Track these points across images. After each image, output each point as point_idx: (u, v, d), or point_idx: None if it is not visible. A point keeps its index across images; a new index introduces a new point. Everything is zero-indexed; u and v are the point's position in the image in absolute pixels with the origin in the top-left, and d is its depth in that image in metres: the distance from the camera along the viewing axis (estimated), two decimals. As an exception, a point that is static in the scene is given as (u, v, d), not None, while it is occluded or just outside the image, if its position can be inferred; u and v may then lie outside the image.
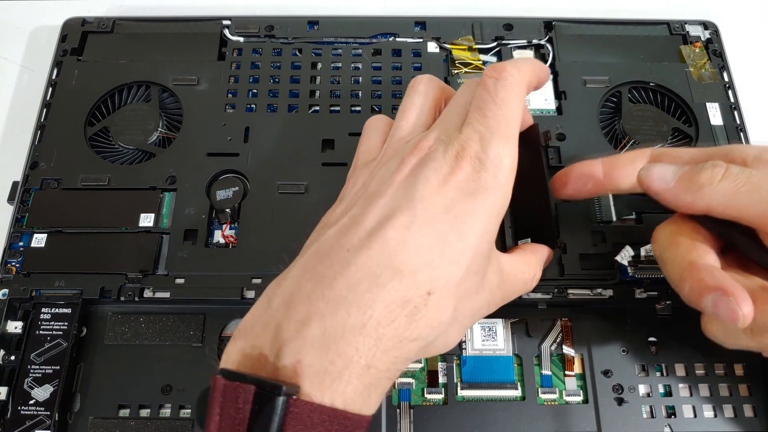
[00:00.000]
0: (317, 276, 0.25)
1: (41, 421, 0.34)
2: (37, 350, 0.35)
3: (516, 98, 0.29)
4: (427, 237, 0.26)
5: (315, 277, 0.25)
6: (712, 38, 0.47)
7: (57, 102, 0.44)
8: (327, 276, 0.25)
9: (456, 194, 0.27)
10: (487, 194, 0.27)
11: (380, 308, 0.24)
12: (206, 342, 0.37)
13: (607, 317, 0.37)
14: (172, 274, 0.38)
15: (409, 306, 0.25)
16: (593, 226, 0.39)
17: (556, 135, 0.42)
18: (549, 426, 0.35)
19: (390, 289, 0.25)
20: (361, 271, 0.25)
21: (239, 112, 0.43)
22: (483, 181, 0.27)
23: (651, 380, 0.36)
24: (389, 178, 0.28)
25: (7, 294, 0.37)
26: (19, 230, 0.39)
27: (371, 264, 0.25)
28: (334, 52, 0.46)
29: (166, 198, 0.40)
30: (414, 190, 0.27)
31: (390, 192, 0.27)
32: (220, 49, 0.46)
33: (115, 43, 0.47)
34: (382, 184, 0.28)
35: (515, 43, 0.47)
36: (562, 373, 0.36)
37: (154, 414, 0.35)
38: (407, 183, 0.27)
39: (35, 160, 0.41)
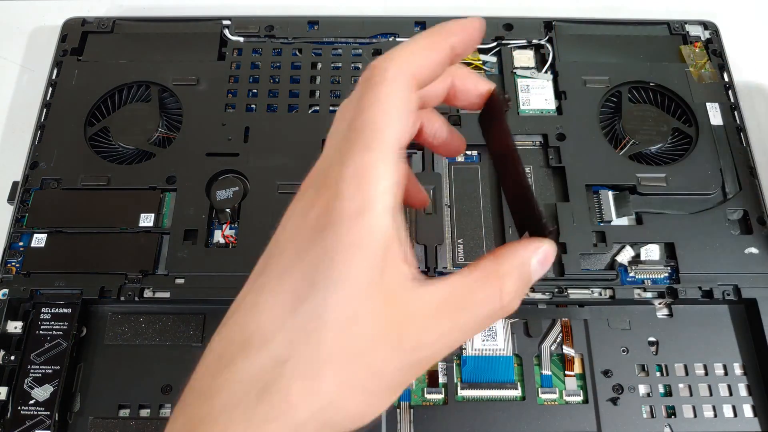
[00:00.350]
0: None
1: (41, 421, 0.34)
2: (37, 350, 0.35)
3: (388, 96, 0.22)
4: (280, 294, 0.21)
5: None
6: (712, 38, 0.47)
7: (57, 102, 0.44)
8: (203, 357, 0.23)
9: (307, 233, 0.21)
10: (340, 226, 0.20)
11: (227, 391, 0.20)
12: (206, 342, 0.37)
13: (607, 317, 0.37)
14: (172, 274, 0.38)
15: (259, 383, 0.20)
16: (593, 226, 0.39)
17: (556, 135, 0.42)
18: (549, 426, 0.35)
19: (236, 368, 0.21)
20: (212, 353, 0.22)
21: (239, 112, 0.43)
22: (337, 209, 0.21)
23: (651, 380, 0.36)
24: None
25: (7, 294, 0.37)
26: (19, 230, 0.39)
27: (223, 342, 0.22)
28: (334, 52, 0.46)
29: (166, 198, 0.40)
30: (275, 238, 0.23)
31: (274, 243, 0.23)
32: (220, 49, 0.46)
33: (115, 43, 0.47)
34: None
35: (515, 43, 0.47)
36: (562, 373, 0.36)
37: (154, 414, 0.35)
38: (279, 228, 0.23)
39: (35, 160, 0.41)
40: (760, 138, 0.44)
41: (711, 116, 0.43)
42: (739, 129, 0.43)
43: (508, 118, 0.27)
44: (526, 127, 0.43)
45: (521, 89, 0.45)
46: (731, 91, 0.44)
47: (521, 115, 0.44)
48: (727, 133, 0.42)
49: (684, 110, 0.44)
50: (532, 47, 0.47)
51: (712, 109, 0.43)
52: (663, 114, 0.44)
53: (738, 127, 0.43)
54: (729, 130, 0.43)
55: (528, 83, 0.45)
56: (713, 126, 0.43)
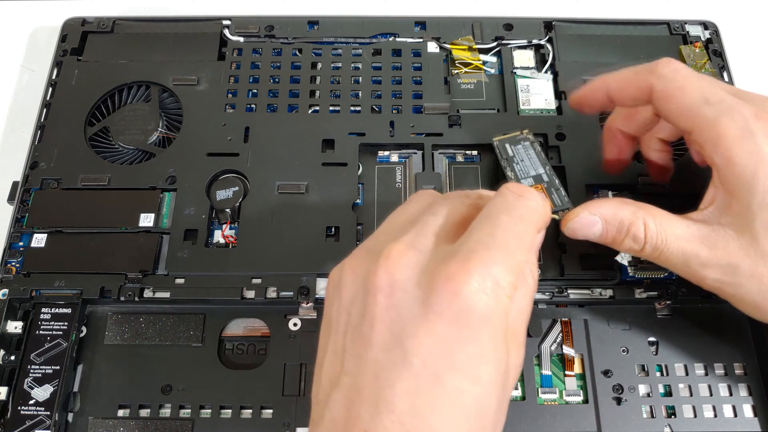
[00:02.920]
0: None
1: (41, 421, 0.34)
2: (37, 350, 0.35)
3: (536, 225, 0.27)
4: (441, 398, 0.23)
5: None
6: (712, 38, 0.47)
7: (57, 102, 0.44)
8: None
9: (453, 334, 0.24)
10: (490, 322, 0.24)
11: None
12: (206, 342, 0.37)
13: (607, 317, 0.37)
14: (172, 274, 0.38)
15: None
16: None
17: (556, 135, 0.42)
18: (549, 426, 0.35)
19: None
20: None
21: (239, 112, 0.43)
22: (482, 304, 0.24)
23: (651, 380, 0.36)
24: (366, 310, 0.25)
25: (7, 294, 0.37)
26: (19, 230, 0.39)
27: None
28: (334, 52, 0.46)
29: (166, 198, 0.40)
30: (401, 334, 0.24)
31: (375, 338, 0.24)
32: (220, 49, 0.46)
33: (115, 43, 0.47)
34: (362, 317, 0.25)
35: (515, 43, 0.47)
36: (562, 373, 0.36)
37: (154, 414, 0.35)
38: (390, 320, 0.24)
39: (35, 160, 0.41)
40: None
41: (711, 116, 0.43)
42: (739, 129, 0.43)
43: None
44: (526, 127, 0.43)
45: (521, 89, 0.45)
46: (731, 91, 0.44)
47: (521, 115, 0.44)
48: (727, 133, 0.42)
49: (684, 110, 0.44)
50: (532, 47, 0.47)
51: (712, 109, 0.43)
52: (663, 114, 0.44)
53: (738, 127, 0.43)
54: (729, 130, 0.43)
55: (528, 83, 0.45)
56: (713, 126, 0.43)
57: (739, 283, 0.30)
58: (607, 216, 0.31)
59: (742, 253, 0.29)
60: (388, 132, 0.43)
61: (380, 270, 0.25)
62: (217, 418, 0.35)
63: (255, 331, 0.37)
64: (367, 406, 0.23)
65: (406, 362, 0.24)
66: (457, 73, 0.46)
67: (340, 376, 0.25)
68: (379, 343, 0.24)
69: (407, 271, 0.25)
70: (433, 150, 0.42)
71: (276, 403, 0.35)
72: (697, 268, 0.30)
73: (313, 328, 0.37)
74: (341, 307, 0.27)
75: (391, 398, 0.23)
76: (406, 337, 0.24)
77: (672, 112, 0.31)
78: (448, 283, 0.24)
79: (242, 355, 0.37)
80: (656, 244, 0.30)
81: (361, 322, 0.25)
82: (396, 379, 0.23)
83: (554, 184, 0.35)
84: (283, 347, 0.36)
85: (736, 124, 0.28)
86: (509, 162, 0.37)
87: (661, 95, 0.31)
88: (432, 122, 0.43)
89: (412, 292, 0.24)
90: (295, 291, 0.37)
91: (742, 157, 0.28)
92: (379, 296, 0.25)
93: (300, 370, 0.36)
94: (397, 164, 0.42)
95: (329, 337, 0.27)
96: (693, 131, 0.30)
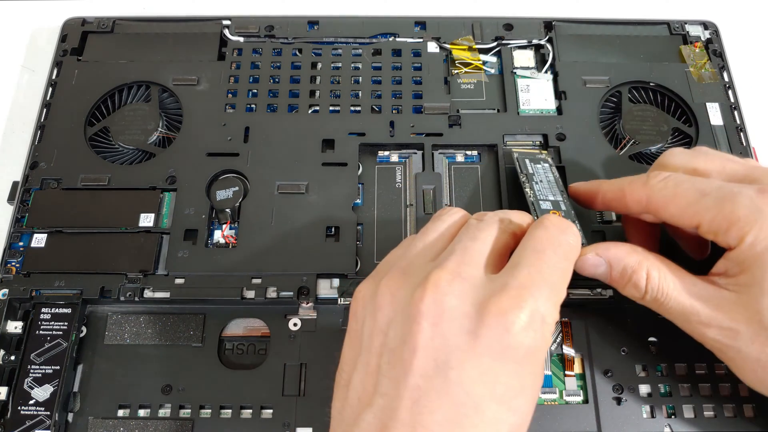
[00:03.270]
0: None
1: (41, 421, 0.34)
2: (37, 350, 0.35)
3: (573, 261, 0.29)
4: (478, 427, 0.24)
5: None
6: (712, 38, 0.47)
7: (57, 102, 0.44)
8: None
9: (498, 367, 0.25)
10: (534, 357, 0.25)
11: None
12: (206, 342, 0.37)
13: (607, 317, 0.37)
14: (172, 274, 0.38)
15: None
16: (593, 226, 0.39)
17: (556, 135, 0.42)
18: (549, 426, 0.35)
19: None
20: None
21: (239, 112, 0.43)
22: (529, 340, 0.25)
23: (651, 380, 0.36)
24: (408, 336, 0.25)
25: (7, 294, 0.37)
26: (19, 230, 0.39)
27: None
28: (334, 52, 0.46)
29: (166, 198, 0.40)
30: (446, 363, 0.24)
31: (417, 364, 0.25)
32: (220, 49, 0.46)
33: (115, 43, 0.47)
34: (402, 343, 0.25)
35: (515, 43, 0.47)
36: (562, 373, 0.36)
37: (154, 414, 0.35)
38: (434, 348, 0.25)
39: (35, 160, 0.41)
40: (761, 138, 0.44)
41: (711, 116, 0.43)
42: (739, 129, 0.43)
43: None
44: (526, 127, 0.43)
45: (521, 89, 0.45)
46: (731, 91, 0.44)
47: (521, 115, 0.44)
48: (727, 133, 0.42)
49: (684, 110, 0.44)
50: (532, 47, 0.47)
51: (712, 109, 0.43)
52: (663, 114, 0.44)
53: (738, 127, 0.43)
54: (729, 130, 0.43)
55: (528, 83, 0.45)
56: (713, 126, 0.43)
57: (739, 348, 0.29)
58: (612, 260, 0.31)
59: (745, 321, 0.29)
60: (388, 132, 0.43)
61: (427, 297, 0.25)
62: (217, 418, 0.35)
63: (255, 331, 0.37)
64: (403, 429, 0.24)
65: (448, 391, 0.24)
66: (457, 73, 0.46)
67: (374, 396, 0.25)
68: (420, 369, 0.24)
69: (455, 301, 0.25)
70: (433, 150, 0.42)
71: (276, 403, 0.35)
72: (696, 326, 0.30)
73: (313, 328, 0.37)
74: (375, 328, 0.27)
75: (429, 424, 0.24)
76: (451, 367, 0.24)
77: (674, 216, 0.31)
78: (499, 317, 0.25)
79: (242, 355, 0.37)
80: (656, 296, 0.31)
81: (401, 347, 0.25)
82: (437, 406, 0.24)
83: (571, 216, 0.35)
84: (283, 347, 0.36)
85: (742, 205, 0.28)
86: (529, 179, 0.37)
87: (659, 205, 0.31)
88: (432, 122, 0.43)
89: (460, 322, 0.25)
90: (295, 291, 0.37)
91: (755, 235, 0.28)
92: (424, 323, 0.25)
93: (300, 370, 0.36)
94: (397, 164, 0.42)
95: (359, 356, 0.27)
96: (701, 225, 0.30)
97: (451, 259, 0.27)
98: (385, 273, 0.28)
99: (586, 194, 0.36)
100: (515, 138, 0.42)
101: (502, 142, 0.42)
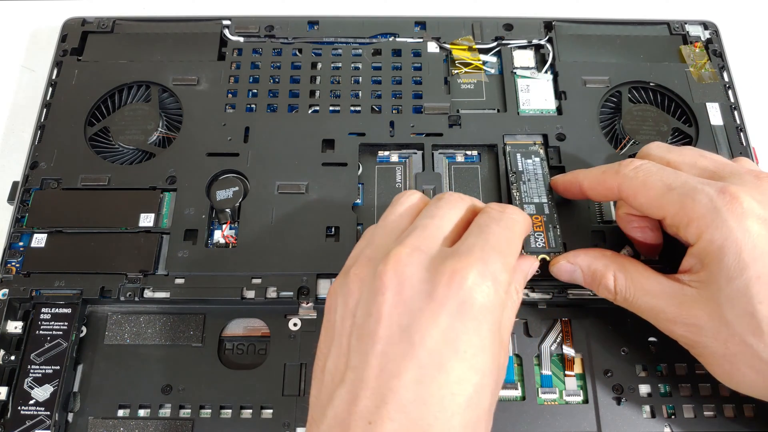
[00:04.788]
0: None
1: (41, 421, 0.34)
2: (37, 350, 0.35)
3: (520, 234, 0.30)
4: (444, 387, 0.25)
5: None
6: (712, 38, 0.47)
7: (57, 102, 0.44)
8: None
9: (458, 324, 0.26)
10: (491, 314, 0.26)
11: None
12: (206, 342, 0.37)
13: (607, 317, 0.37)
14: (172, 274, 0.38)
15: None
16: (593, 226, 0.39)
17: (556, 135, 0.42)
18: (549, 426, 0.35)
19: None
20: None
21: (239, 112, 0.43)
22: (483, 296, 0.26)
23: (651, 380, 0.36)
24: (373, 308, 0.26)
25: (7, 294, 0.37)
26: (19, 230, 0.39)
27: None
28: (334, 52, 0.46)
29: (166, 198, 0.40)
30: (409, 327, 0.26)
31: (382, 333, 0.26)
32: (220, 49, 0.46)
33: (115, 43, 0.47)
34: (368, 315, 0.27)
35: (515, 43, 0.47)
36: (562, 373, 0.36)
37: (154, 414, 0.35)
38: (398, 314, 0.26)
39: (35, 160, 0.41)
40: (761, 138, 0.44)
41: (711, 116, 0.43)
42: (739, 129, 0.43)
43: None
44: (526, 127, 0.43)
45: (521, 89, 0.45)
46: (731, 91, 0.44)
47: (521, 115, 0.44)
48: (727, 133, 0.42)
49: (684, 110, 0.44)
50: (532, 47, 0.47)
51: (712, 109, 0.43)
52: (663, 114, 0.44)
53: (738, 127, 0.43)
54: (729, 130, 0.43)
55: (528, 83, 0.45)
56: (713, 126, 0.43)
57: (705, 344, 0.30)
58: (582, 266, 0.34)
59: (707, 316, 0.30)
60: (388, 132, 0.43)
61: (389, 270, 0.27)
62: (217, 418, 0.35)
63: (255, 331, 0.37)
64: (372, 397, 0.25)
65: (413, 353, 0.25)
66: (457, 73, 0.46)
67: (345, 372, 0.26)
68: (385, 337, 0.26)
69: (414, 270, 0.27)
70: (433, 150, 0.42)
71: (276, 403, 0.35)
72: (665, 323, 0.32)
73: (313, 328, 0.37)
74: (346, 312, 0.28)
75: (397, 388, 0.24)
76: (415, 330, 0.25)
77: (642, 205, 0.32)
78: (451, 276, 0.26)
79: (242, 355, 0.37)
80: (626, 297, 0.33)
81: (367, 320, 0.26)
82: (403, 369, 0.25)
83: (553, 221, 0.37)
84: (283, 347, 0.36)
85: (701, 203, 0.30)
86: (518, 178, 0.39)
87: (629, 193, 0.32)
88: (432, 122, 0.43)
89: (420, 287, 0.26)
90: (295, 291, 0.37)
91: (710, 234, 0.29)
92: (387, 294, 0.26)
93: (300, 370, 0.36)
94: (397, 164, 0.42)
95: (332, 342, 0.28)
96: (665, 217, 0.32)
97: (411, 235, 0.28)
98: (353, 263, 0.29)
99: (565, 186, 0.37)
100: (515, 138, 0.42)
101: (502, 142, 0.42)
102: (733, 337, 0.29)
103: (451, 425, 0.25)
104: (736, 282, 0.28)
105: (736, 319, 0.29)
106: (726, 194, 0.29)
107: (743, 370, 0.30)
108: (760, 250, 0.28)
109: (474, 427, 0.26)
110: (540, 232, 0.37)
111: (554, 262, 0.35)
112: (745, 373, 0.30)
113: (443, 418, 0.25)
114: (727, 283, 0.29)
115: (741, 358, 0.29)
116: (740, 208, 0.29)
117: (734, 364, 0.30)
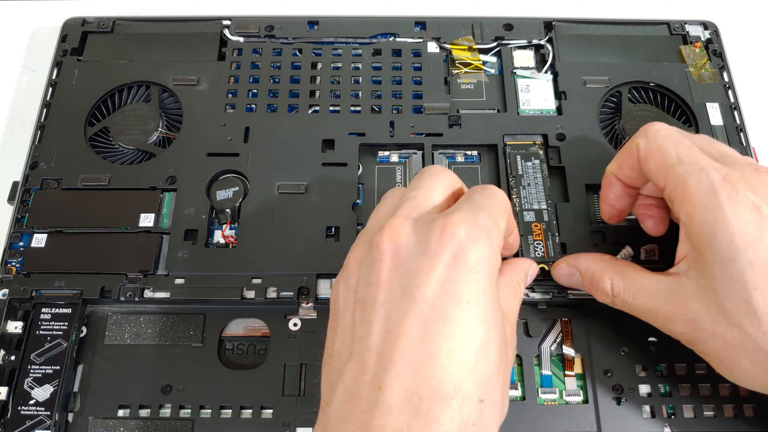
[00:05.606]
0: (361, 425, 0.24)
1: (41, 421, 0.34)
2: (37, 350, 0.35)
3: (504, 203, 0.30)
4: (451, 339, 0.25)
5: (359, 427, 0.24)
6: (712, 38, 0.47)
7: (57, 102, 0.44)
8: (372, 425, 0.24)
9: (455, 274, 0.26)
10: (488, 265, 0.27)
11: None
12: (206, 342, 0.37)
13: (607, 317, 0.37)
14: (172, 274, 0.38)
15: (470, 426, 0.24)
16: (593, 226, 0.39)
17: (556, 135, 0.42)
18: (549, 426, 0.35)
19: (446, 419, 0.24)
20: (405, 411, 0.24)
21: (239, 112, 0.43)
22: (477, 246, 0.26)
23: (651, 380, 0.36)
24: (373, 276, 0.27)
25: (7, 294, 0.37)
26: (19, 230, 0.39)
27: (413, 398, 0.24)
28: (334, 52, 0.46)
29: (166, 198, 0.40)
30: (409, 285, 0.26)
31: (383, 297, 0.26)
32: (220, 49, 0.46)
33: (115, 43, 0.47)
34: (368, 285, 0.27)
35: (515, 43, 0.47)
36: (562, 373, 0.36)
37: (154, 414, 0.35)
38: (398, 276, 0.26)
39: (35, 160, 0.41)
40: (761, 138, 0.44)
41: (711, 116, 0.43)
42: (739, 129, 0.43)
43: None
44: (526, 127, 0.43)
45: (521, 89, 0.45)
46: (731, 91, 0.44)
47: (521, 115, 0.44)
48: (727, 133, 0.42)
49: (684, 110, 0.44)
50: (532, 47, 0.47)
51: (712, 109, 0.43)
52: (663, 114, 0.44)
53: (738, 127, 0.43)
54: (729, 130, 0.43)
55: (528, 83, 0.45)
56: (713, 126, 0.43)
57: (704, 339, 0.30)
58: (581, 270, 0.35)
59: (704, 310, 0.30)
60: (388, 132, 0.43)
61: (384, 239, 0.27)
62: (217, 418, 0.35)
63: (255, 331, 0.37)
64: (380, 361, 0.25)
65: (415, 309, 0.25)
66: (457, 73, 0.46)
67: (352, 346, 0.26)
68: (387, 300, 0.26)
69: (408, 234, 0.27)
70: (433, 150, 0.42)
71: (276, 403, 0.35)
72: (664, 322, 0.32)
73: (313, 328, 0.37)
74: (348, 294, 0.28)
75: (404, 347, 0.24)
76: (415, 287, 0.25)
77: (651, 170, 0.32)
78: (443, 230, 0.26)
79: (242, 355, 0.37)
80: (624, 299, 0.33)
81: (368, 290, 0.26)
82: (407, 326, 0.25)
83: (552, 228, 0.38)
84: (283, 347, 0.36)
85: (702, 185, 0.30)
86: (517, 182, 0.39)
87: (644, 155, 0.32)
88: (432, 122, 0.43)
89: (415, 248, 0.27)
90: (295, 291, 0.37)
91: (703, 216, 0.29)
92: (386, 259, 0.26)
93: (300, 370, 0.36)
94: (397, 164, 0.42)
95: (338, 325, 0.28)
96: (666, 188, 0.32)
97: (401, 207, 0.29)
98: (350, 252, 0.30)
99: (610, 215, 0.37)
100: (515, 138, 0.42)
101: (502, 143, 0.42)
102: (732, 328, 0.29)
103: (462, 379, 0.24)
104: (729, 267, 0.29)
105: (733, 308, 0.29)
106: (729, 182, 0.29)
107: (743, 364, 0.30)
108: (753, 237, 0.28)
109: (486, 385, 0.25)
110: (539, 241, 0.37)
111: (554, 266, 0.36)
112: (746, 366, 0.30)
113: (454, 373, 0.24)
114: (721, 269, 0.29)
115: (741, 351, 0.29)
116: (736, 195, 0.29)
117: (734, 358, 0.30)
